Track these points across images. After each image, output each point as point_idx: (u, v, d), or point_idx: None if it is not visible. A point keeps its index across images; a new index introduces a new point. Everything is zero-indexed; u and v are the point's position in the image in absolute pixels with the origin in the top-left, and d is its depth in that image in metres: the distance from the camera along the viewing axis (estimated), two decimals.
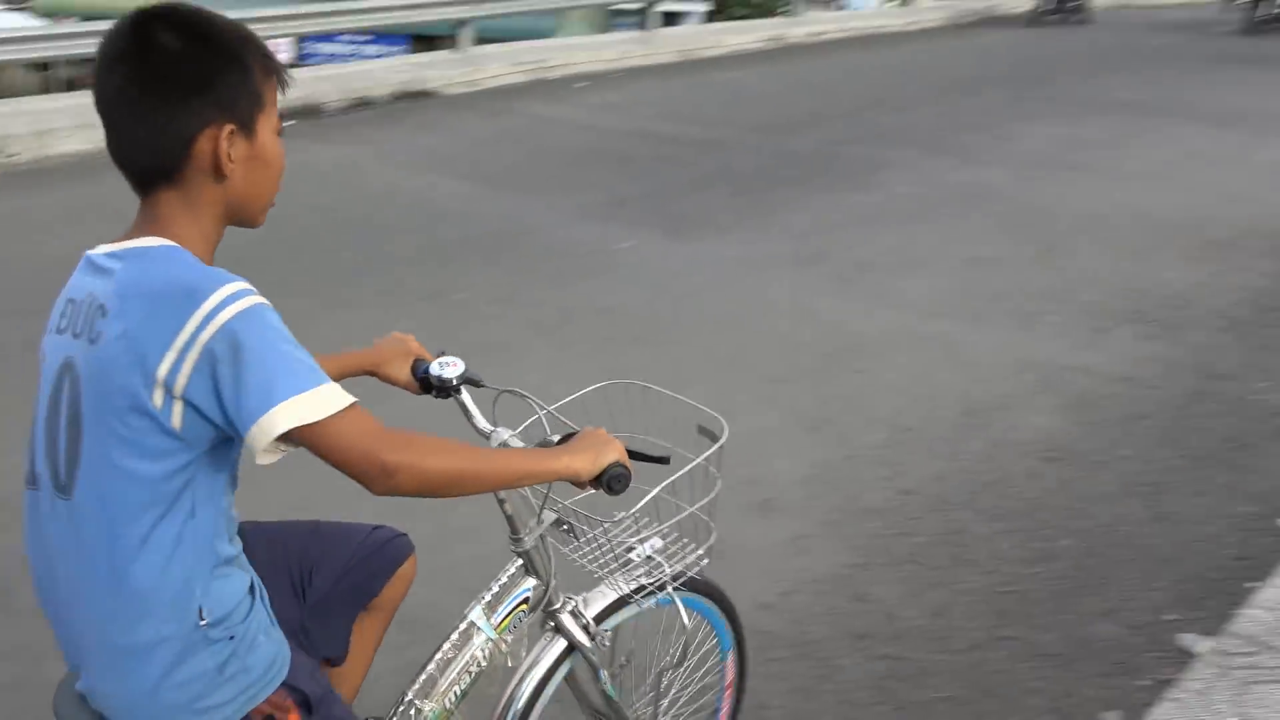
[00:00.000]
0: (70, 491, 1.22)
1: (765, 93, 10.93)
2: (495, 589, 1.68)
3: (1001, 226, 6.28)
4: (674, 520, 1.55)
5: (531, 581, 1.68)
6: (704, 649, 1.96)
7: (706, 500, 1.57)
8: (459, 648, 1.64)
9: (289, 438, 1.16)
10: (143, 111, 1.24)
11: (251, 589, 1.33)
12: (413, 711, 1.61)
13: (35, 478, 1.28)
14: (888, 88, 11.10)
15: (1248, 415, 3.94)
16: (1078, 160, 7.81)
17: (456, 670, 1.63)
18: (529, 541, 1.64)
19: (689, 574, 1.65)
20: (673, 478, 1.48)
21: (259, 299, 1.18)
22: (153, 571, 1.21)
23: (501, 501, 1.60)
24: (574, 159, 7.95)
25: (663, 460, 1.50)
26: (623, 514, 1.60)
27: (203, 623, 1.24)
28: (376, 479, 1.18)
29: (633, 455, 1.46)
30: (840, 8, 33.25)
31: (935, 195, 6.97)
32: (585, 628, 1.69)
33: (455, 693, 1.63)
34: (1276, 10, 16.07)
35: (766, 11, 20.05)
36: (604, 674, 1.73)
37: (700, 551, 1.65)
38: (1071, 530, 3.20)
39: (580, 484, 1.42)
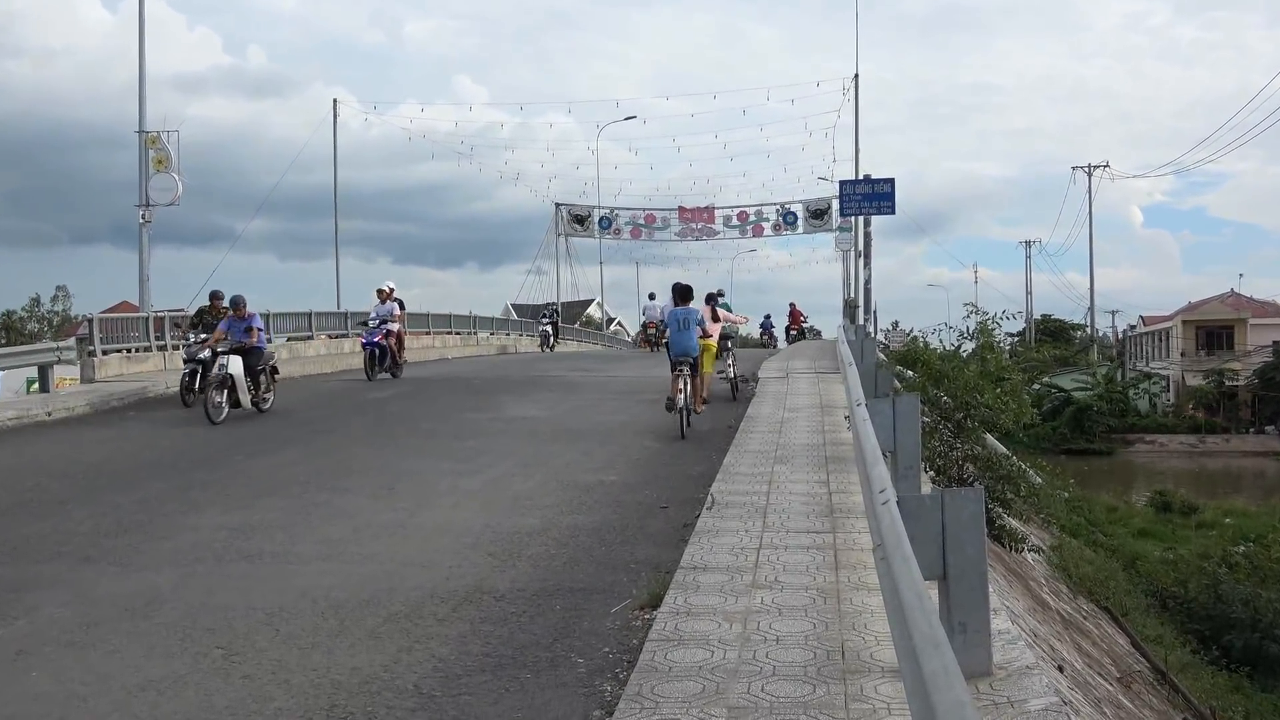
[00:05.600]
0: (685, 330, 14.53)
1: None
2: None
3: (176, 637, 6.07)
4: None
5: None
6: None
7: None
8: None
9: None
10: None
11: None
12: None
13: (675, 327, 14.63)
14: (28, 490, 10.42)
15: None
16: (251, 548, 8.02)
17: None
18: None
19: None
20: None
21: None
22: (695, 339, 14.58)
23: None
24: None
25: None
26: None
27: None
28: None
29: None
30: None
31: (95, 613, 6.52)
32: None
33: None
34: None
35: None
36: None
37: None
38: None
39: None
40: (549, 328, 38.84)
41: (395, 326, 21.58)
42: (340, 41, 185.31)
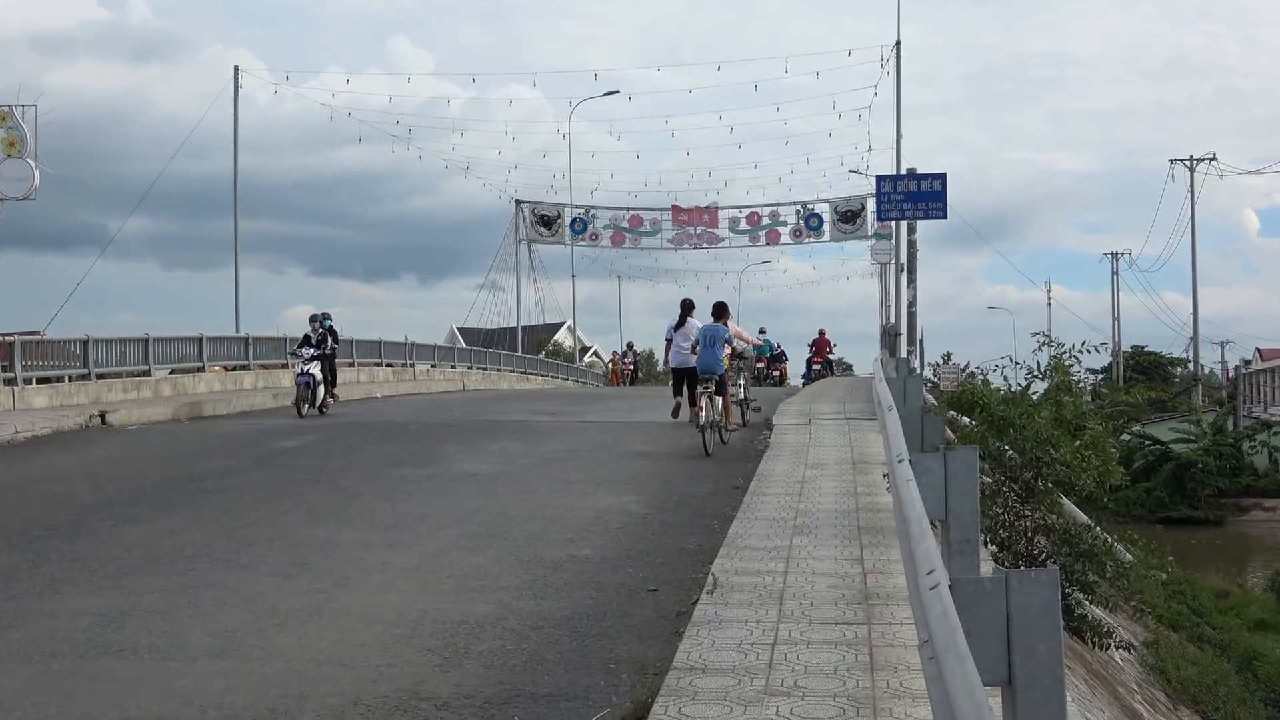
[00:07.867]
0: (712, 348, 19.14)
1: None
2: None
3: None
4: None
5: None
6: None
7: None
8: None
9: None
10: None
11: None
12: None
13: (696, 347, 19.31)
14: None
15: None
16: (124, 640, 7.99)
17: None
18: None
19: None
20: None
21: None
22: (720, 357, 18.95)
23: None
24: None
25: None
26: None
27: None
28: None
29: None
30: None
31: None
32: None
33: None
34: None
35: None
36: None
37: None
38: None
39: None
40: (315, 366, 24.68)
41: None
42: None
